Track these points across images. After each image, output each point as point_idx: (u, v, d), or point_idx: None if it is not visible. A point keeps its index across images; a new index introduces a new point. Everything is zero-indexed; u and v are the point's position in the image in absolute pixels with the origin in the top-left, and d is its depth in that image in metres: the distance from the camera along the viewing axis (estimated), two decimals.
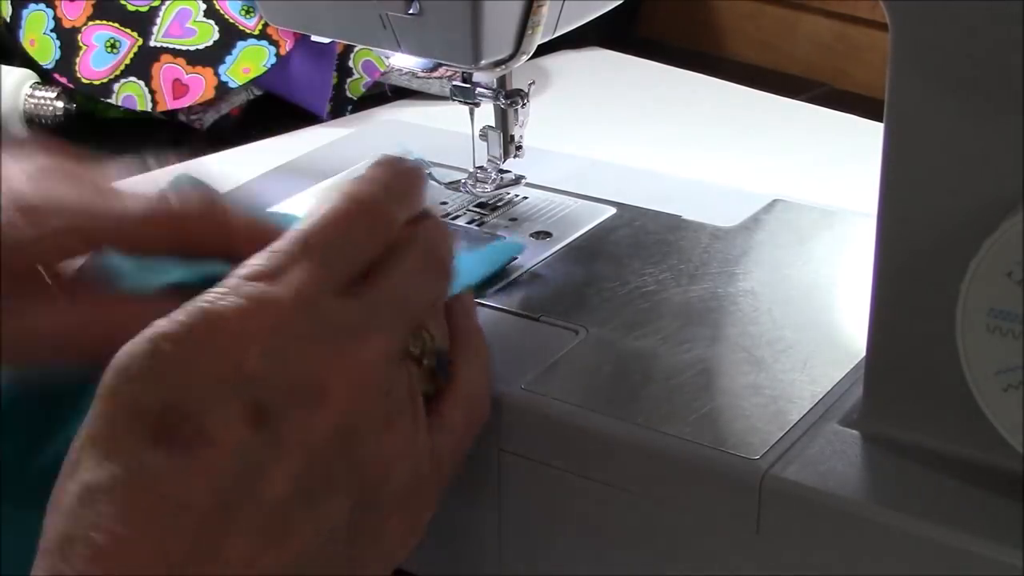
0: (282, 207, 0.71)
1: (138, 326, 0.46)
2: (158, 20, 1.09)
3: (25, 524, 0.47)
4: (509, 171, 0.71)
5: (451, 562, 0.59)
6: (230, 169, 0.72)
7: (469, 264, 0.63)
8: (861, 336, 0.52)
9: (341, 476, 0.46)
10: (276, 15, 0.68)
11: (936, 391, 0.50)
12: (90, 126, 1.11)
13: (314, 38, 0.70)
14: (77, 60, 1.09)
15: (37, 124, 1.08)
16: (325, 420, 0.46)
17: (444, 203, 0.71)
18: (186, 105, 1.08)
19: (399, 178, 0.52)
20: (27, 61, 1.11)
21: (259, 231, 0.53)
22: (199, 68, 1.07)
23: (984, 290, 0.46)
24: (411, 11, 0.61)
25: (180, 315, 0.45)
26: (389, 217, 0.51)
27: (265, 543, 0.44)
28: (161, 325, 0.45)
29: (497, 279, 0.64)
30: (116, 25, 1.10)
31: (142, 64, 1.08)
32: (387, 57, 1.10)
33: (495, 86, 0.68)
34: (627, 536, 0.53)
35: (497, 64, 0.63)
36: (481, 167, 0.71)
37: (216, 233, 0.53)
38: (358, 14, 0.63)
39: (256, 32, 1.08)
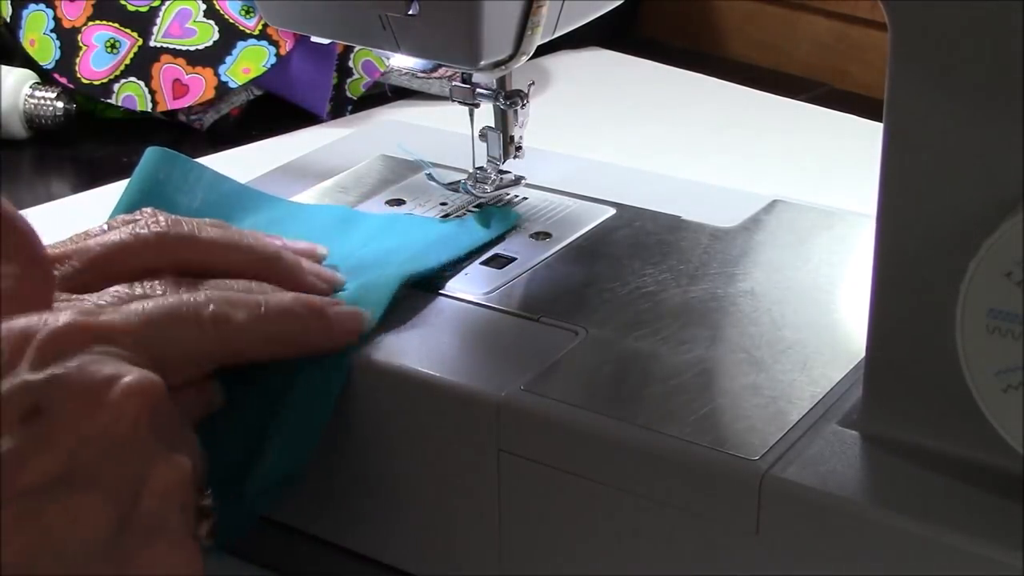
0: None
1: None
2: (158, 20, 1.09)
3: None
4: (509, 171, 0.71)
5: (451, 562, 0.59)
6: (230, 169, 0.72)
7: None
8: (861, 336, 0.52)
9: (106, 479, 0.47)
10: (276, 15, 0.68)
11: (936, 391, 0.50)
12: (90, 126, 1.11)
13: (314, 38, 0.70)
14: (77, 60, 1.09)
15: (37, 124, 1.08)
16: (98, 420, 0.48)
17: (444, 203, 0.71)
18: (186, 105, 1.08)
19: None
20: (27, 61, 1.12)
21: (228, 244, 0.59)
22: (199, 68, 1.07)
23: (984, 290, 0.46)
24: (411, 12, 0.61)
25: None
26: None
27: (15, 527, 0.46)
28: None
29: (497, 277, 0.64)
30: (116, 25, 1.10)
31: (142, 64, 1.08)
32: (387, 57, 1.10)
33: (495, 87, 0.68)
34: (627, 536, 0.53)
35: (497, 65, 0.63)
36: (481, 167, 0.71)
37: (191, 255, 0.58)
38: (358, 14, 0.63)
39: (256, 32, 1.08)
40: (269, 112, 1.11)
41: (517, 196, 0.71)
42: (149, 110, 1.08)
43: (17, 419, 0.46)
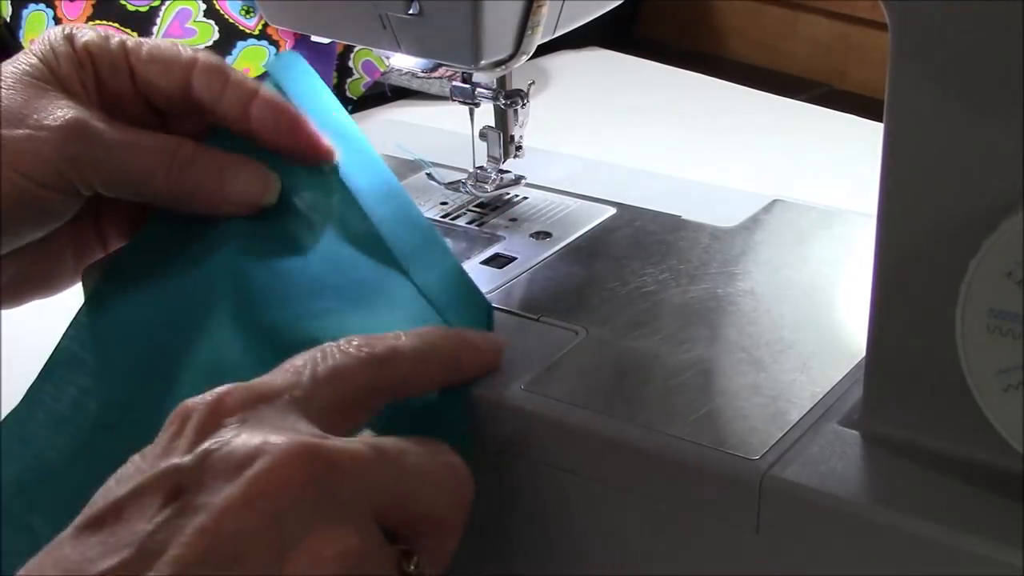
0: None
1: None
2: (158, 20, 1.09)
3: None
4: (509, 171, 0.71)
5: (451, 562, 0.59)
6: None
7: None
8: (861, 336, 0.52)
9: (247, 558, 0.45)
10: (276, 15, 0.68)
11: (936, 391, 0.50)
12: None
13: (314, 38, 0.70)
14: None
15: None
16: (236, 497, 0.46)
17: (444, 203, 0.71)
18: None
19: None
20: None
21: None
22: None
23: (984, 290, 0.46)
24: (411, 11, 0.61)
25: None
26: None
27: None
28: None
29: (497, 277, 0.64)
30: (116, 25, 1.10)
31: None
32: (387, 57, 1.10)
33: (495, 86, 0.68)
34: (627, 536, 0.53)
35: (497, 64, 0.63)
36: (481, 167, 0.71)
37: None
38: (358, 14, 0.63)
39: (256, 32, 1.08)
40: None
41: (517, 196, 0.71)
42: None
43: (159, 502, 0.45)
